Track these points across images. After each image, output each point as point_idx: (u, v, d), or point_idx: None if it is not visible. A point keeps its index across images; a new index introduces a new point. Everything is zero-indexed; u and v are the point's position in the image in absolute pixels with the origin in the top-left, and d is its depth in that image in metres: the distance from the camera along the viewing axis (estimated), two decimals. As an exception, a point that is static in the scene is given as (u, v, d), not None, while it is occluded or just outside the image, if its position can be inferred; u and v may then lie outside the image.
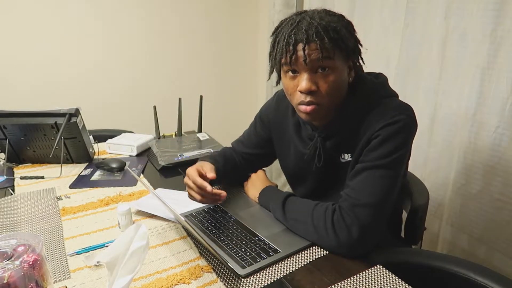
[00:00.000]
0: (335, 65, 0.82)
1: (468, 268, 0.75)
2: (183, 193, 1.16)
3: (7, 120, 1.29)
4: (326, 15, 0.83)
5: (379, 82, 0.93)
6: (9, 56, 2.01)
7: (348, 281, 0.74)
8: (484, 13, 1.21)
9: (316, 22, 0.80)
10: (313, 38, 0.79)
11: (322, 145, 0.95)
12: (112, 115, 2.29)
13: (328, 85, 0.83)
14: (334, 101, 0.86)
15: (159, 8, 2.30)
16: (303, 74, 0.83)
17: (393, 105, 0.87)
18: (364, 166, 0.84)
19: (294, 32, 0.81)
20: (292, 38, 0.81)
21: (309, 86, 0.82)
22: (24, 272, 0.57)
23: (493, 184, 1.29)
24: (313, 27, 0.79)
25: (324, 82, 0.83)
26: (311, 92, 0.83)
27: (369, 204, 0.81)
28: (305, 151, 1.00)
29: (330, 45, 0.80)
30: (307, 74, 0.82)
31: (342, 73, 0.85)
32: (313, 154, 0.97)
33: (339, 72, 0.84)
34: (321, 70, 0.82)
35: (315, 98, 0.84)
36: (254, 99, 2.80)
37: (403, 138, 0.83)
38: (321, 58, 0.80)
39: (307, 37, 0.79)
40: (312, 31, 0.79)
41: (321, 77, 0.83)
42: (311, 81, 0.82)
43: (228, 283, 0.75)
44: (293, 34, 0.81)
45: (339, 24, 0.82)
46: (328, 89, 0.83)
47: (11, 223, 0.98)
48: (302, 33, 0.80)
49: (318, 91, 0.83)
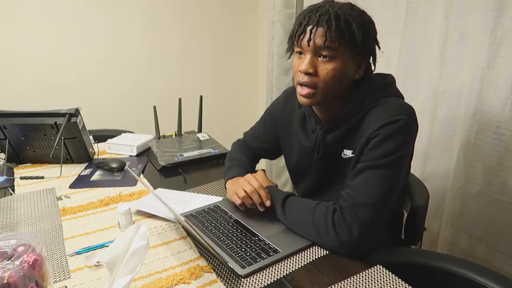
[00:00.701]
0: (337, 54, 0.84)
1: (468, 268, 0.75)
2: (183, 193, 1.16)
3: (7, 120, 1.29)
4: (349, 8, 0.86)
5: (385, 82, 0.94)
6: (9, 56, 2.01)
7: (348, 281, 0.74)
8: (484, 13, 1.21)
9: (333, 10, 0.83)
10: (322, 23, 0.82)
11: (323, 137, 0.96)
12: (112, 115, 2.29)
13: (327, 71, 0.85)
14: (330, 90, 0.87)
15: (159, 8, 2.30)
16: (307, 55, 0.86)
17: (394, 105, 0.88)
18: (364, 165, 0.85)
19: (309, 14, 0.85)
20: (306, 19, 0.85)
21: (307, 68, 0.86)
22: (24, 272, 0.57)
23: (493, 184, 1.29)
24: (327, 14, 0.83)
25: (323, 67, 0.85)
26: (309, 74, 0.86)
27: (369, 204, 0.82)
28: (307, 143, 1.01)
29: (335, 34, 0.82)
30: (309, 56, 0.86)
31: (345, 65, 0.86)
32: (313, 146, 0.99)
33: (341, 63, 0.85)
34: (323, 56, 0.85)
35: (311, 80, 0.87)
36: (254, 99, 2.80)
37: (402, 138, 0.83)
38: (323, 44, 0.82)
39: (317, 21, 0.83)
40: (324, 17, 0.82)
41: (322, 63, 0.86)
42: (311, 64, 0.86)
43: (228, 283, 0.75)
44: (308, 16, 0.85)
45: (356, 19, 0.84)
46: (326, 76, 0.85)
47: (11, 223, 0.98)
48: (315, 16, 0.84)
49: (316, 75, 0.86)
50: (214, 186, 1.21)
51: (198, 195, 1.14)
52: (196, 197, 1.13)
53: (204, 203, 1.08)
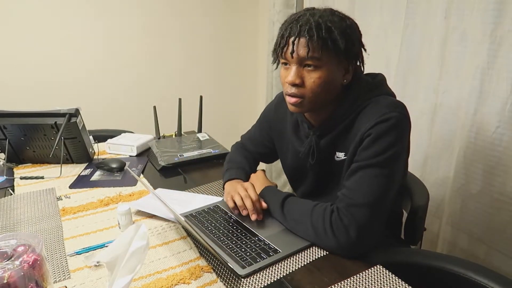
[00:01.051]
0: (322, 63, 0.84)
1: (468, 268, 0.75)
2: (183, 193, 1.16)
3: (7, 120, 1.29)
4: (329, 14, 0.85)
5: (375, 82, 0.93)
6: (9, 57, 2.01)
7: (348, 281, 0.74)
8: (484, 13, 1.21)
9: (314, 19, 0.82)
10: (304, 34, 0.82)
11: (316, 143, 0.96)
12: (112, 115, 2.29)
13: (313, 81, 0.85)
14: (318, 98, 0.88)
15: (159, 8, 2.30)
16: (292, 66, 0.87)
17: (385, 103, 0.87)
18: (359, 165, 0.85)
19: (291, 25, 0.85)
20: (287, 31, 0.85)
21: (294, 79, 0.86)
22: (24, 272, 0.57)
23: (493, 184, 1.29)
24: (308, 23, 0.82)
25: (309, 77, 0.86)
26: (296, 85, 0.87)
27: (365, 204, 0.81)
28: (301, 149, 1.01)
29: (317, 43, 0.82)
30: (295, 67, 0.86)
31: (331, 73, 0.86)
32: (307, 151, 0.99)
33: (326, 71, 0.85)
34: (308, 66, 0.85)
35: (298, 90, 0.87)
36: (254, 99, 2.80)
37: (395, 136, 0.83)
38: (306, 55, 0.82)
39: (299, 32, 0.83)
40: (305, 27, 0.82)
41: (307, 72, 0.86)
42: (297, 74, 0.86)
43: (228, 283, 0.75)
44: (289, 28, 0.85)
45: (337, 25, 0.83)
46: (312, 85, 0.86)
47: (11, 223, 0.98)
48: (296, 27, 0.83)
49: (303, 85, 0.86)
50: (214, 186, 1.21)
51: (198, 195, 1.14)
52: (196, 197, 1.13)
53: (204, 203, 1.08)
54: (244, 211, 0.95)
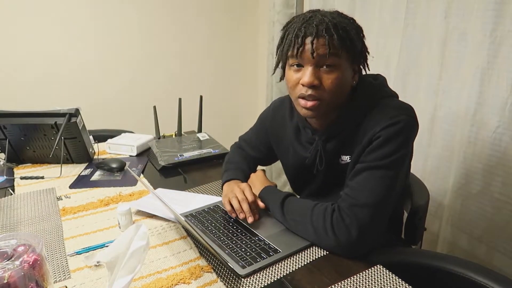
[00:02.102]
0: (340, 63, 0.83)
1: (468, 268, 0.75)
2: (183, 193, 1.16)
3: (7, 120, 1.29)
4: (338, 15, 0.85)
5: (377, 83, 0.93)
6: (9, 57, 2.01)
7: (348, 281, 0.74)
8: (484, 13, 1.21)
9: (327, 19, 0.82)
10: (323, 33, 0.80)
11: (323, 148, 0.96)
12: (112, 115, 2.29)
13: (331, 81, 0.83)
14: (334, 100, 0.86)
15: (159, 8, 2.30)
16: (308, 67, 0.83)
17: (393, 105, 0.87)
18: (364, 166, 0.84)
19: (304, 26, 0.82)
20: (302, 31, 0.82)
21: (312, 80, 0.83)
22: (24, 272, 0.57)
23: (493, 184, 1.29)
24: (324, 23, 0.81)
25: (327, 78, 0.83)
26: (313, 87, 0.84)
27: (368, 204, 0.81)
28: (306, 155, 1.00)
29: (338, 42, 0.81)
30: (311, 68, 0.83)
31: (346, 73, 0.86)
32: (314, 157, 0.98)
33: (343, 72, 0.84)
34: (326, 66, 0.83)
35: (317, 92, 0.84)
36: (254, 99, 2.80)
37: (404, 139, 0.83)
38: (327, 54, 0.81)
39: (316, 32, 0.81)
40: (322, 27, 0.81)
41: (325, 73, 0.83)
42: (315, 75, 0.83)
43: (228, 283, 0.75)
44: (303, 28, 0.82)
45: (349, 26, 0.84)
46: (331, 86, 0.84)
47: (11, 223, 0.98)
48: (312, 27, 0.81)
49: (321, 86, 0.84)
50: (214, 186, 1.21)
51: (198, 195, 1.14)
52: (196, 197, 1.13)
53: (204, 203, 1.08)
54: (241, 214, 0.95)
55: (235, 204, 0.96)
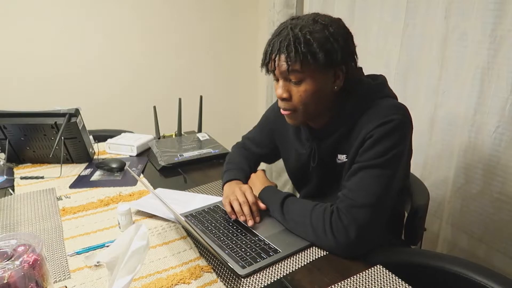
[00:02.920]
0: (304, 76, 0.84)
1: (468, 268, 0.75)
2: (183, 193, 1.16)
3: (7, 120, 1.29)
4: (312, 23, 0.83)
5: (376, 84, 0.93)
6: (9, 57, 2.01)
7: (348, 281, 0.74)
8: (484, 13, 1.21)
9: (293, 33, 0.82)
10: (283, 50, 0.83)
11: (317, 146, 0.97)
12: (112, 115, 2.29)
13: (300, 94, 0.86)
14: (309, 109, 0.88)
15: (159, 8, 2.30)
16: (280, 81, 0.88)
17: (387, 105, 0.88)
18: (360, 166, 0.85)
19: (273, 42, 0.86)
20: (270, 47, 0.86)
21: (281, 94, 0.88)
22: (24, 272, 0.57)
23: (493, 184, 1.29)
24: (287, 39, 0.82)
25: (296, 91, 0.87)
26: (284, 99, 0.88)
27: (366, 204, 0.81)
28: (302, 152, 1.01)
29: (296, 58, 0.81)
30: (281, 82, 0.88)
31: (318, 83, 0.85)
32: (308, 154, 0.99)
33: (312, 83, 0.85)
34: (291, 80, 0.86)
35: (288, 104, 0.89)
36: (254, 99, 2.80)
37: (397, 137, 0.83)
38: (287, 71, 0.83)
39: (279, 48, 0.84)
40: (284, 43, 0.83)
41: (294, 86, 0.87)
42: (284, 88, 0.87)
43: (228, 283, 0.75)
44: (272, 44, 0.86)
45: (318, 36, 0.81)
46: (300, 98, 0.86)
47: (11, 223, 0.98)
48: (277, 44, 0.84)
49: (292, 98, 0.88)
50: (214, 186, 1.21)
51: (198, 195, 1.14)
52: (196, 197, 1.13)
53: (204, 203, 1.08)
54: (242, 217, 0.95)
55: (236, 207, 0.96)
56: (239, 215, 0.96)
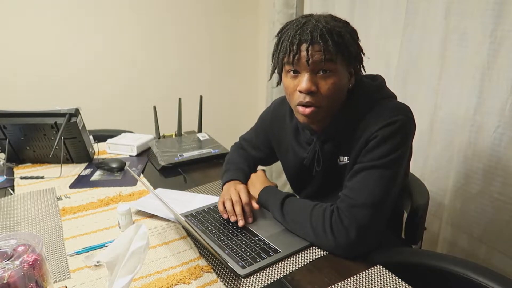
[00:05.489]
0: (336, 68, 0.83)
1: (468, 268, 0.75)
2: (183, 193, 1.16)
3: (7, 120, 1.29)
4: (331, 19, 0.84)
5: (376, 84, 0.93)
6: (10, 57, 2.01)
7: (348, 281, 0.74)
8: (484, 13, 1.21)
9: (321, 25, 0.81)
10: (317, 40, 0.80)
11: (320, 148, 0.96)
12: (112, 115, 2.29)
13: (328, 87, 0.83)
14: (332, 105, 0.87)
15: (159, 8, 2.30)
16: (304, 74, 0.83)
17: (391, 106, 0.88)
18: (362, 166, 0.84)
19: (299, 32, 0.82)
20: (297, 38, 0.82)
21: (309, 86, 0.83)
22: (24, 272, 0.57)
23: (493, 184, 1.29)
24: (318, 29, 0.81)
25: (324, 83, 0.83)
26: (311, 93, 0.84)
27: (367, 204, 0.81)
28: (304, 155, 1.00)
29: (333, 48, 0.80)
30: (308, 74, 0.83)
31: (343, 77, 0.86)
32: (312, 158, 0.98)
33: (339, 76, 0.84)
34: (322, 72, 0.83)
35: (314, 99, 0.84)
36: (254, 99, 2.80)
37: (401, 139, 0.83)
38: (323, 60, 0.81)
39: (311, 38, 0.80)
40: (317, 33, 0.80)
41: (322, 79, 0.83)
42: (312, 81, 0.83)
43: (228, 283, 0.75)
44: (298, 35, 0.82)
45: (343, 30, 0.83)
46: (328, 91, 0.84)
47: (11, 223, 0.98)
48: (307, 34, 0.81)
49: (318, 93, 0.84)
50: (214, 186, 1.21)
51: (198, 195, 1.14)
52: (196, 197, 1.13)
53: (204, 203, 1.08)
54: (233, 217, 0.95)
55: (228, 206, 0.96)
56: (230, 215, 0.96)
